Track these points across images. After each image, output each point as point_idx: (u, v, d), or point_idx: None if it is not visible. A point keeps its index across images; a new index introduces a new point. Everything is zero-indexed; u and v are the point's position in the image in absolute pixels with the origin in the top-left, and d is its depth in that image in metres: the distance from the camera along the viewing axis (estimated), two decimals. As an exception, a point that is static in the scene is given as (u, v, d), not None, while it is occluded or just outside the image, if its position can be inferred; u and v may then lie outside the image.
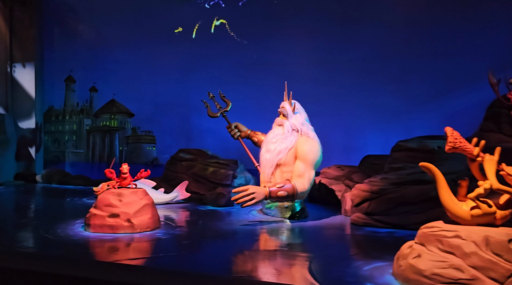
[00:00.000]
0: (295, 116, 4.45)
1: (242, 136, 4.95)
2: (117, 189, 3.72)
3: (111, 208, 3.57)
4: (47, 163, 7.44)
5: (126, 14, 7.17)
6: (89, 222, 3.57)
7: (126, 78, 7.22)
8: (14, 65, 7.19)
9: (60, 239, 3.39)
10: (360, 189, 3.99)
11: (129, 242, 3.34)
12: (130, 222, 3.55)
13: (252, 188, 4.07)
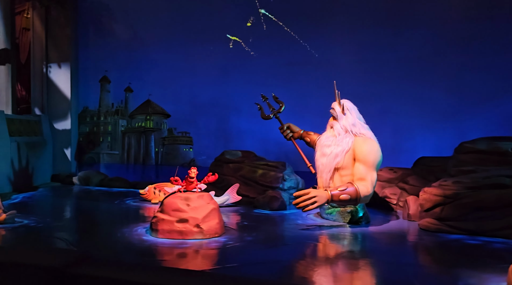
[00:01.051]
0: (345, 117, 4.29)
1: (294, 137, 4.82)
2: (183, 193, 3.60)
3: (179, 213, 3.45)
4: (82, 165, 7.35)
5: (163, 13, 7.04)
6: (157, 227, 3.45)
7: (162, 78, 7.10)
8: (49, 65, 7.11)
9: (129, 244, 3.28)
10: (431, 193, 3.83)
11: (199, 249, 3.22)
12: (199, 227, 3.43)
13: (314, 191, 3.94)
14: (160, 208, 3.57)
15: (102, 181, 6.64)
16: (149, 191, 5.22)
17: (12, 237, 3.47)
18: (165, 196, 3.67)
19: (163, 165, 7.19)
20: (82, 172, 6.80)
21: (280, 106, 4.87)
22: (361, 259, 3.07)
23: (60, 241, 3.33)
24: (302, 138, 4.85)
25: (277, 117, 4.87)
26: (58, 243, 3.31)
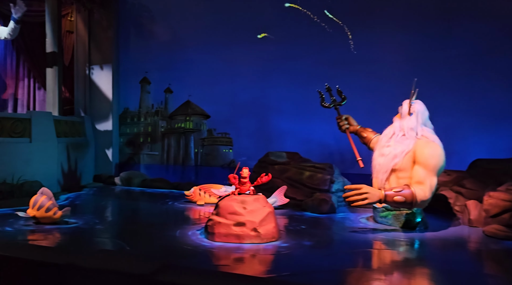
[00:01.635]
0: (409, 118, 4.14)
1: (350, 130, 4.70)
2: (238, 196, 3.52)
3: (236, 216, 3.37)
4: (122, 165, 7.42)
5: (203, 13, 7.02)
6: (213, 230, 3.39)
7: (202, 79, 7.08)
8: (92, 67, 7.21)
9: (188, 248, 3.22)
10: (498, 198, 3.62)
11: (256, 253, 3.14)
12: (256, 231, 3.34)
13: (366, 188, 3.80)
14: (215, 211, 3.51)
15: (144, 182, 6.67)
16: (194, 192, 5.18)
17: (75, 239, 3.47)
18: (220, 198, 3.61)
19: (203, 166, 7.17)
20: (124, 173, 6.85)
21: (342, 99, 4.80)
22: (420, 268, 2.92)
23: (120, 244, 3.32)
24: (357, 134, 4.73)
25: (336, 108, 4.79)
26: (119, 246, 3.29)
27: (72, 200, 5.30)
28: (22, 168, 5.32)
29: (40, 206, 3.79)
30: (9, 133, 5.30)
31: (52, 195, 3.89)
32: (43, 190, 3.93)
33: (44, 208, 3.79)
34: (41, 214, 3.79)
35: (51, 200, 3.85)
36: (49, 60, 6.16)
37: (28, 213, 3.83)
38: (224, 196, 3.57)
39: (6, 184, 5.12)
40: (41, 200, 3.81)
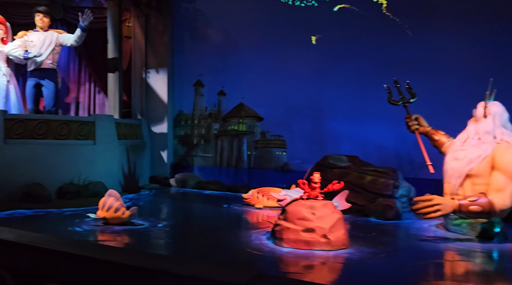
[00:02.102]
0: (484, 121, 3.88)
1: (420, 131, 4.47)
2: (307, 201, 3.43)
3: (305, 222, 3.29)
4: (176, 167, 7.56)
5: (256, 16, 7.01)
6: (282, 236, 3.32)
7: (255, 81, 7.06)
8: (148, 71, 7.40)
9: (260, 254, 3.17)
10: None
11: (326, 261, 3.03)
12: (326, 238, 3.24)
13: (438, 198, 3.59)
14: (283, 215, 3.44)
15: (198, 183, 6.75)
16: (252, 195, 5.16)
17: (149, 241, 3.52)
18: (287, 203, 3.53)
19: (255, 169, 7.14)
20: (179, 175, 6.97)
21: (412, 96, 4.60)
22: (499, 282, 2.69)
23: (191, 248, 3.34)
24: (428, 135, 4.50)
25: (405, 106, 4.59)
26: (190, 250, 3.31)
27: (133, 201, 5.44)
28: (86, 169, 5.53)
29: (109, 207, 3.90)
30: (75, 136, 5.53)
31: (119, 196, 4.00)
32: (110, 192, 4.04)
33: (113, 209, 3.89)
34: (111, 215, 3.90)
35: (119, 200, 3.95)
36: (111, 65, 6.38)
37: (98, 215, 3.95)
38: (292, 201, 3.50)
39: (73, 185, 5.34)
40: (110, 202, 3.92)
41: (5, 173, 5.05)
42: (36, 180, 5.16)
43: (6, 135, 5.11)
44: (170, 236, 3.80)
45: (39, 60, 5.93)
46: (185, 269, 1.68)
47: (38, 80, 6.01)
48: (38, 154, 5.22)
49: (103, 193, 5.44)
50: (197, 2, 7.44)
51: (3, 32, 6.02)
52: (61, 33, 6.19)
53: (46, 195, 5.02)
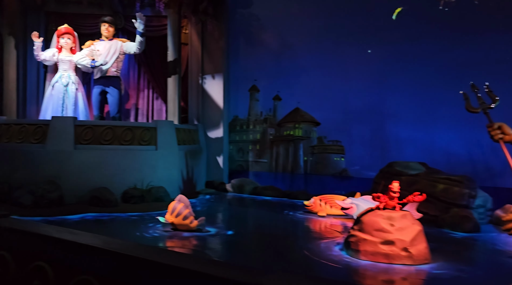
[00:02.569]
0: None
1: (505, 140, 4.12)
2: (384, 211, 3.25)
3: (383, 234, 3.11)
4: (231, 172, 7.56)
5: (312, 18, 6.89)
6: (358, 247, 3.16)
7: (312, 85, 6.93)
8: (204, 77, 7.48)
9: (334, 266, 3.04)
10: None
11: (408, 276, 2.84)
12: (407, 251, 3.04)
13: (530, 215, 3.25)
14: (357, 226, 3.28)
15: (255, 189, 6.70)
16: (314, 203, 5.02)
17: (223, 250, 3.49)
18: (362, 213, 3.37)
19: (312, 175, 6.99)
20: (236, 180, 6.95)
21: (493, 101, 4.25)
22: None
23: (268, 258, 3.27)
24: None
25: (486, 113, 4.23)
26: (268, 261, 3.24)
27: (193, 206, 5.45)
28: (149, 174, 5.63)
29: (178, 213, 3.91)
30: (139, 141, 5.65)
31: (189, 203, 4.00)
32: (181, 197, 4.05)
33: (182, 216, 3.90)
34: (179, 222, 3.91)
35: (188, 208, 3.96)
36: (170, 71, 6.50)
37: (166, 219, 3.98)
38: (368, 211, 3.32)
39: (137, 189, 5.46)
40: (179, 208, 3.93)
41: (75, 178, 5.25)
42: (103, 185, 5.32)
43: (76, 141, 5.32)
44: (244, 246, 3.73)
45: (105, 68, 6.15)
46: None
47: (104, 88, 6.24)
48: (104, 159, 5.38)
49: (165, 198, 5.57)
50: (252, 7, 7.43)
51: (71, 41, 6.31)
52: (124, 42, 6.40)
53: (113, 199, 5.15)
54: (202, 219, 3.95)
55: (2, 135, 5.59)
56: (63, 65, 6.17)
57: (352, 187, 6.36)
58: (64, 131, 5.28)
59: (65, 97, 5.99)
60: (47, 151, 5.24)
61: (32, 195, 4.88)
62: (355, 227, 3.31)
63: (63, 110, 5.95)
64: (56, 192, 5.02)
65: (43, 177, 5.16)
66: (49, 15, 7.35)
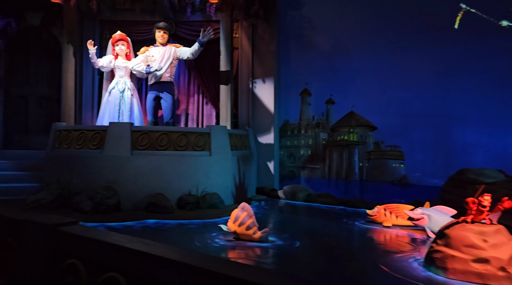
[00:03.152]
0: None
1: None
2: (473, 225, 2.94)
3: (475, 251, 2.79)
4: (282, 178, 7.37)
5: (367, 18, 6.60)
6: (445, 265, 2.86)
7: (367, 87, 6.63)
8: (254, 81, 7.35)
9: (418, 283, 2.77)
10: None
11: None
12: (505, 271, 2.71)
13: None
14: (443, 240, 2.98)
15: (309, 196, 6.47)
16: (378, 212, 4.72)
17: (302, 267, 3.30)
18: (445, 226, 3.06)
19: (368, 181, 6.66)
20: (288, 187, 6.75)
21: None
22: None
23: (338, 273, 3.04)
24: None
25: None
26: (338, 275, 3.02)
27: (249, 213, 5.30)
28: (203, 180, 5.54)
29: (241, 222, 3.76)
30: (193, 147, 5.58)
31: (252, 213, 3.84)
32: (244, 206, 3.90)
33: (245, 225, 3.74)
34: (242, 231, 3.75)
35: (252, 218, 3.79)
36: (223, 76, 6.41)
37: (229, 227, 3.83)
38: (454, 223, 3.01)
39: (192, 196, 5.38)
40: (243, 217, 3.78)
41: (132, 183, 5.24)
42: (158, 191, 5.28)
43: (133, 146, 5.32)
44: (315, 259, 3.49)
45: (159, 74, 6.16)
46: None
47: (158, 93, 6.24)
48: (160, 165, 5.35)
49: (219, 205, 5.45)
50: (303, 9, 7.24)
51: (125, 47, 6.38)
52: (178, 47, 6.38)
53: (169, 206, 5.09)
54: (266, 231, 3.78)
55: (62, 141, 5.70)
56: (119, 71, 6.24)
57: (414, 195, 6.00)
58: (122, 137, 5.29)
59: (121, 103, 6.04)
60: (105, 156, 5.27)
61: (91, 201, 4.90)
62: (439, 241, 3.01)
63: (120, 116, 6.00)
64: (114, 197, 5.03)
65: (102, 182, 5.19)
66: (103, 23, 7.51)
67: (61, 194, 5.15)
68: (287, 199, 6.65)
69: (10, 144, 7.30)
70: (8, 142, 7.31)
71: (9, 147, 7.25)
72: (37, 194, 5.23)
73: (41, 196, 5.13)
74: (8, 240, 3.17)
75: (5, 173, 6.47)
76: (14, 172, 6.52)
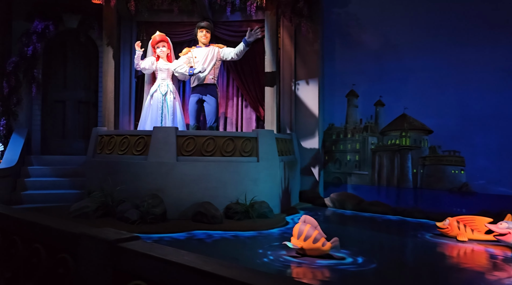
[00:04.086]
0: None
1: None
2: None
3: None
4: (327, 185, 6.97)
5: (421, 14, 6.17)
6: None
7: (421, 88, 6.18)
8: (297, 82, 7.00)
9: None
10: None
11: None
12: None
13: None
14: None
15: (359, 205, 6.06)
16: (450, 225, 4.27)
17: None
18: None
19: (423, 189, 6.19)
20: (335, 194, 6.36)
21: None
22: None
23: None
24: None
25: None
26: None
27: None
28: (251, 188, 5.22)
29: (306, 236, 3.41)
30: (240, 152, 5.27)
31: (316, 224, 3.48)
32: (305, 218, 3.55)
33: (311, 238, 3.39)
34: (309, 246, 3.40)
35: (317, 229, 3.44)
36: (268, 77, 6.09)
37: (294, 244, 3.48)
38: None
39: (240, 204, 5.05)
40: (307, 230, 3.42)
41: (177, 191, 4.96)
42: (205, 199, 4.98)
43: (178, 152, 5.05)
44: (403, 282, 3.10)
45: (202, 76, 5.88)
46: None
47: (201, 96, 5.96)
48: (207, 172, 5.05)
49: (268, 214, 5.11)
50: (349, 6, 6.86)
51: (166, 49, 6.13)
52: (221, 48, 6.10)
53: (218, 216, 4.78)
54: (335, 240, 3.41)
55: (104, 146, 5.49)
56: (161, 73, 5.99)
57: (478, 204, 5.53)
58: (167, 142, 5.02)
59: (164, 106, 5.78)
60: (149, 163, 5.01)
61: (137, 210, 4.64)
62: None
63: (162, 120, 5.74)
64: (160, 206, 4.75)
65: (146, 190, 4.93)
66: (139, 25, 7.32)
67: (105, 202, 4.91)
68: (335, 208, 6.26)
69: (48, 150, 7.17)
70: (46, 147, 7.18)
71: (47, 152, 7.12)
72: (80, 202, 5.01)
73: (84, 204, 4.90)
74: (62, 255, 2.90)
75: (44, 179, 6.33)
76: (53, 178, 6.37)
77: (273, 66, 6.07)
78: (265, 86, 6.11)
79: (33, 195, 5.99)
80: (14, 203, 5.81)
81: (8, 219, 2.78)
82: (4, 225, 2.85)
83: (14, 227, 2.82)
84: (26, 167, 6.44)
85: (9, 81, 6.82)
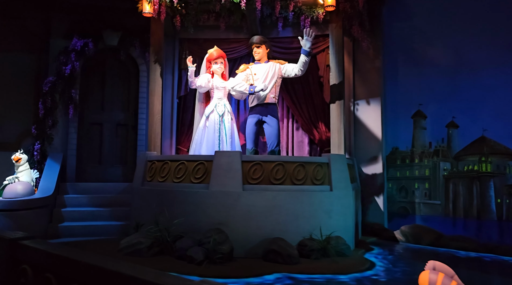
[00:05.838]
0: None
1: None
2: None
3: None
4: (391, 216, 6.24)
5: (502, 25, 5.59)
6: None
7: (504, 108, 5.54)
8: (356, 102, 6.40)
9: None
10: None
11: None
12: None
13: None
14: None
15: (439, 240, 5.30)
16: None
17: None
18: None
19: (510, 221, 5.44)
20: (408, 227, 5.62)
21: None
22: None
23: None
24: None
25: None
26: None
27: (386, 267, 4.21)
28: (324, 221, 4.53)
29: (442, 289, 2.69)
30: (312, 180, 4.61)
31: (453, 273, 2.77)
32: (435, 264, 2.83)
33: (449, 292, 2.67)
34: (446, 301, 2.67)
35: (453, 279, 2.72)
36: (333, 95, 5.49)
37: (424, 298, 2.76)
38: None
39: (315, 241, 4.35)
40: (441, 280, 2.70)
41: (243, 225, 4.30)
42: (275, 234, 4.31)
43: (244, 180, 4.40)
44: None
45: (263, 94, 5.29)
46: None
47: (260, 117, 5.36)
48: (277, 203, 4.39)
49: (346, 252, 4.39)
50: (414, 20, 6.32)
51: (223, 65, 5.59)
52: (282, 64, 5.54)
53: (295, 255, 4.08)
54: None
55: (156, 173, 4.87)
56: (218, 92, 5.40)
57: None
58: (231, 169, 4.39)
59: (221, 129, 5.17)
60: (211, 192, 4.37)
61: (201, 247, 3.96)
62: None
63: (220, 144, 5.12)
64: (227, 243, 4.07)
65: (207, 223, 4.28)
66: (182, 42, 6.84)
67: (160, 237, 4.24)
68: (407, 242, 5.50)
69: (83, 176, 6.58)
70: (81, 174, 6.58)
71: (82, 179, 6.52)
72: (131, 237, 4.35)
73: (136, 240, 4.24)
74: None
75: (82, 209, 5.71)
76: (92, 208, 5.74)
77: (339, 84, 5.46)
78: (331, 105, 5.49)
79: (71, 227, 5.36)
80: (51, 236, 5.18)
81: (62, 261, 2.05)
82: (57, 269, 2.16)
83: (71, 271, 2.10)
84: (61, 196, 5.83)
85: (45, 102, 6.31)
